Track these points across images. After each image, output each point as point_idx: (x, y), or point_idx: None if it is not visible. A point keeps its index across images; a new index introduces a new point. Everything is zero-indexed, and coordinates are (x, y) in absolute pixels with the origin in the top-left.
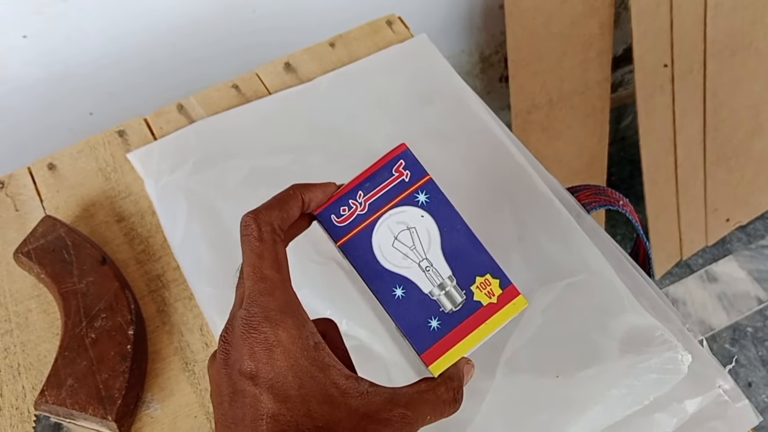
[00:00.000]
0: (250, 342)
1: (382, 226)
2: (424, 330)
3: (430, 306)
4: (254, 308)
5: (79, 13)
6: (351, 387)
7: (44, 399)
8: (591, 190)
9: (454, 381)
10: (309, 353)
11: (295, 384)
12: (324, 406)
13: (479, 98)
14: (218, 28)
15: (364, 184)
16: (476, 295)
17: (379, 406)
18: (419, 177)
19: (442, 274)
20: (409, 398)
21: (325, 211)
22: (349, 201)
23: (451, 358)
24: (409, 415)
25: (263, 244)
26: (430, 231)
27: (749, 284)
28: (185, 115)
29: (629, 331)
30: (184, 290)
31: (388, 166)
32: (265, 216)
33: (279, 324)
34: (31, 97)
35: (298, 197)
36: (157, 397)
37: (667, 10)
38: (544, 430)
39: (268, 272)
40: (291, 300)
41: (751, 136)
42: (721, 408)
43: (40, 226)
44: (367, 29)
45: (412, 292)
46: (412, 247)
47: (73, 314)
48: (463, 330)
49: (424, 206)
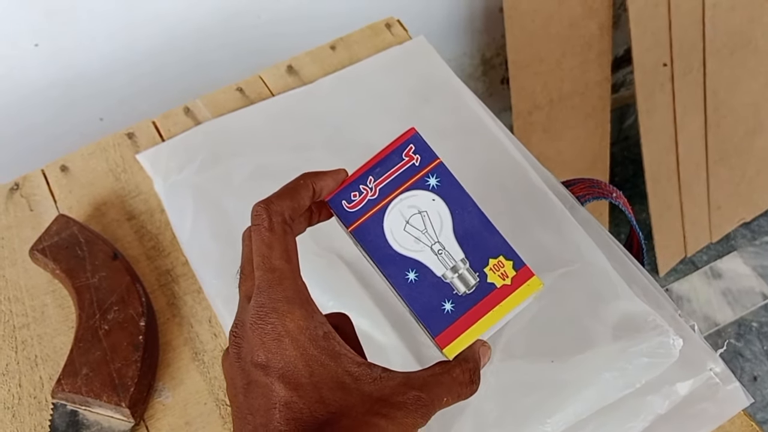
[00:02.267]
0: (260, 333)
1: (394, 210)
2: (438, 313)
3: (444, 289)
4: (262, 299)
5: (88, 21)
6: (364, 373)
7: (61, 387)
8: (585, 183)
9: (469, 362)
10: (318, 342)
11: (306, 372)
12: (337, 392)
13: (476, 96)
14: (224, 34)
15: (375, 169)
16: (490, 277)
17: (393, 390)
18: (430, 161)
19: (454, 257)
20: (423, 381)
21: (336, 197)
22: (359, 186)
23: (466, 341)
24: (424, 397)
25: (273, 234)
26: (441, 214)
27: (754, 280)
28: (192, 117)
29: (622, 317)
30: (192, 284)
31: (398, 151)
32: (276, 206)
33: (287, 314)
34: (43, 102)
35: (309, 186)
36: (168, 386)
37: (665, 10)
38: (539, 411)
39: (277, 263)
40: (299, 290)
41: (752, 133)
42: (712, 390)
43: (54, 225)
44: (367, 32)
45: (425, 276)
46: (424, 230)
47: (87, 307)
48: (477, 312)
49: (435, 190)
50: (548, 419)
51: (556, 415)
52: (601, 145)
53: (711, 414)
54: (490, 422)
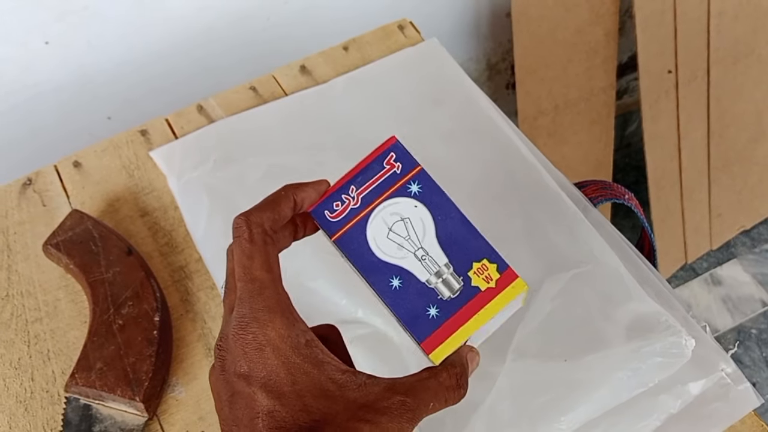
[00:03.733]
0: (242, 344)
1: (376, 218)
2: (423, 319)
3: (428, 294)
4: (243, 309)
5: (99, 21)
6: (348, 380)
7: (75, 381)
8: (597, 185)
9: (456, 367)
10: (300, 350)
11: (288, 381)
12: (320, 400)
13: (488, 98)
14: (234, 36)
15: (356, 178)
16: (474, 281)
17: (378, 396)
18: (410, 168)
19: (438, 262)
20: (409, 386)
21: (319, 207)
22: (341, 196)
23: (452, 346)
24: (409, 402)
25: (253, 245)
26: (424, 220)
27: (753, 287)
28: (205, 116)
29: (635, 317)
30: (206, 280)
31: (379, 160)
32: (255, 217)
33: (267, 323)
34: (53, 101)
35: (289, 198)
36: (182, 381)
37: (671, 17)
38: (552, 410)
39: (257, 273)
40: (280, 300)
41: (754, 142)
42: (723, 390)
43: (68, 220)
44: (380, 34)
45: (410, 282)
46: (407, 237)
47: (101, 302)
48: (462, 316)
49: (417, 196)
50: (562, 418)
51: (569, 414)
52: (605, 151)
53: (722, 414)
54: (504, 422)
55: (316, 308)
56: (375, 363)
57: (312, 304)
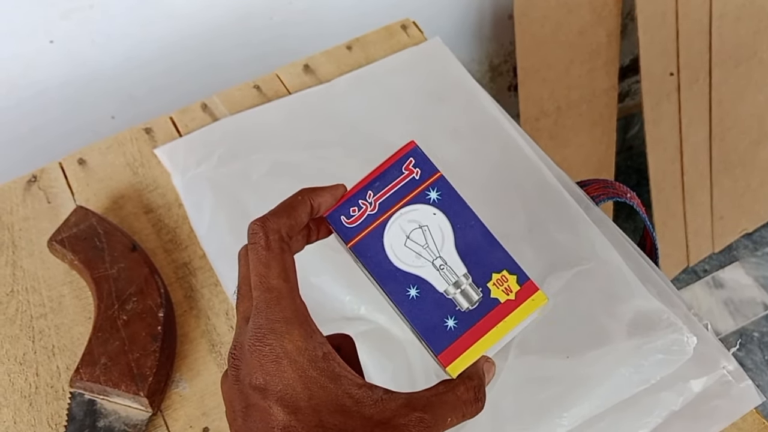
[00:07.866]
0: (258, 355)
1: (394, 225)
2: (441, 330)
3: (446, 305)
4: (260, 320)
5: (104, 19)
6: (364, 395)
7: (79, 376)
8: (599, 183)
9: (473, 380)
10: (317, 364)
11: (304, 395)
12: (336, 415)
13: (491, 97)
14: (238, 35)
15: (374, 183)
16: (493, 293)
17: (395, 412)
18: (430, 174)
19: (457, 272)
20: (426, 401)
21: (335, 212)
22: (359, 201)
23: (470, 358)
24: (427, 418)
25: (270, 253)
26: (443, 228)
27: (755, 290)
28: (209, 114)
29: (637, 315)
30: (210, 277)
31: (397, 165)
32: (272, 224)
33: (285, 335)
34: (58, 99)
35: (306, 202)
36: (186, 377)
37: (673, 20)
38: (555, 406)
39: (274, 282)
40: (297, 310)
41: (756, 144)
42: (724, 387)
43: (73, 216)
44: (383, 33)
45: (427, 292)
46: (425, 245)
47: (105, 298)
48: (480, 328)
49: (436, 203)
50: (564, 414)
51: (571, 410)
52: (606, 153)
53: (724, 411)
54: (507, 417)
55: (320, 304)
56: (379, 359)
57: (315, 300)
